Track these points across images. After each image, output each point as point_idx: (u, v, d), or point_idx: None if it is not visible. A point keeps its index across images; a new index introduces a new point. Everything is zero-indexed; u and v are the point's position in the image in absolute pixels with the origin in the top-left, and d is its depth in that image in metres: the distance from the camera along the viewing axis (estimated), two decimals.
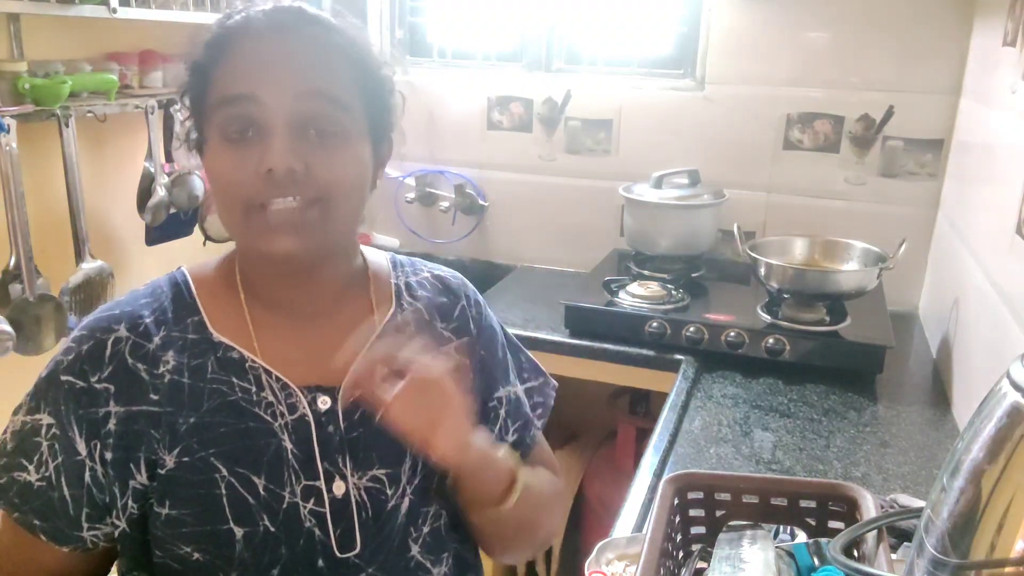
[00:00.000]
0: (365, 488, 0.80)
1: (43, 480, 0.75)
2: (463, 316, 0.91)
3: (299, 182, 0.72)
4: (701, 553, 0.85)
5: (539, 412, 0.98)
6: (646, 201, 1.97)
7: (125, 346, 0.76)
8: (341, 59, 0.76)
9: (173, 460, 0.75)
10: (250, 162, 0.72)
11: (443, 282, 0.93)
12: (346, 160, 0.75)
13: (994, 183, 1.45)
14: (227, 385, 0.77)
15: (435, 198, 2.35)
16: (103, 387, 0.75)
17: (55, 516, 0.76)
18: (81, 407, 0.74)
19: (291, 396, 0.79)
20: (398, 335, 0.84)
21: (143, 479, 0.76)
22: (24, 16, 1.48)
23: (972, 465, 0.52)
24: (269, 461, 0.77)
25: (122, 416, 0.75)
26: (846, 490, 0.86)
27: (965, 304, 1.55)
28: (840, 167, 2.01)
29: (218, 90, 0.74)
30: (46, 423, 0.75)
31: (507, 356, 0.96)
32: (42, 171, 1.57)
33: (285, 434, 0.78)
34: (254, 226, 0.74)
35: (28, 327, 1.49)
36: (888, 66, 1.91)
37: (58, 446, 0.75)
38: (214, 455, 0.76)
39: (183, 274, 0.84)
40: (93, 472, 0.75)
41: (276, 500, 0.77)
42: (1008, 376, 0.51)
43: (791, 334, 1.64)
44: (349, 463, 0.80)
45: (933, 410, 1.51)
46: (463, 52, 2.31)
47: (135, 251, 1.84)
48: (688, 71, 2.10)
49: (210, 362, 0.78)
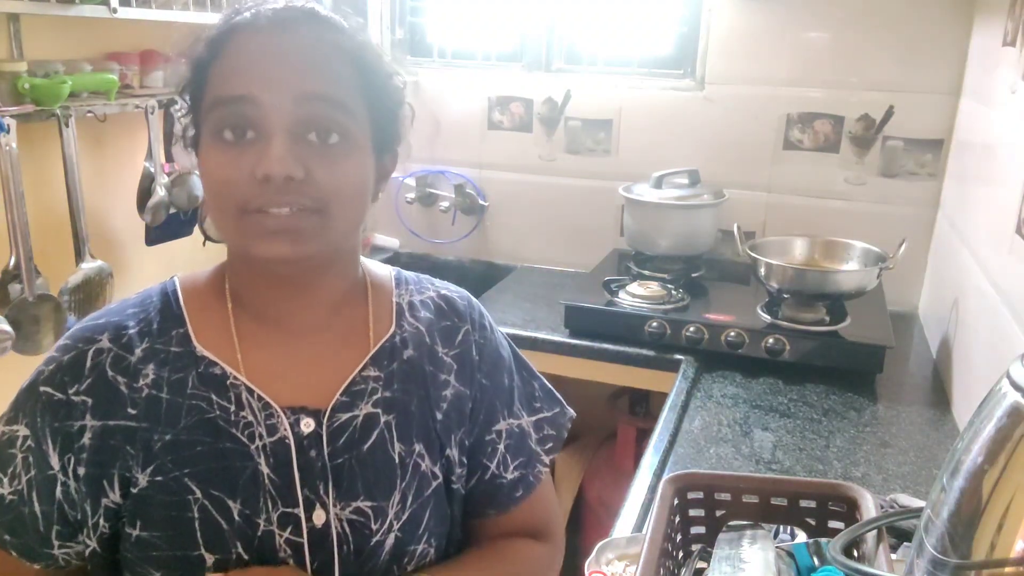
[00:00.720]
0: (348, 520, 0.75)
1: (15, 494, 0.72)
2: (466, 341, 0.85)
3: (297, 190, 0.68)
4: (701, 553, 0.85)
5: (549, 446, 0.89)
6: (646, 201, 1.97)
7: (106, 358, 0.73)
8: (345, 62, 0.72)
9: (146, 479, 0.72)
10: (245, 165, 0.68)
11: (449, 303, 0.87)
12: (347, 167, 0.71)
13: (994, 183, 1.45)
14: (206, 402, 0.73)
15: (435, 198, 2.35)
16: (80, 400, 0.72)
17: (25, 532, 0.73)
18: (57, 419, 0.71)
19: (272, 416, 0.74)
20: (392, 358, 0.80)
21: (116, 497, 0.72)
22: (24, 16, 1.48)
23: (972, 465, 0.52)
24: (244, 485, 0.73)
25: (98, 430, 0.71)
26: (846, 490, 0.86)
27: (965, 304, 1.55)
28: (840, 167, 2.01)
29: (215, 89, 0.70)
30: (22, 435, 0.72)
31: (514, 384, 0.88)
32: (42, 171, 1.57)
33: (262, 457, 0.73)
34: (248, 230, 0.69)
35: (27, 327, 1.49)
36: (888, 66, 1.91)
37: (32, 459, 0.72)
38: (188, 475, 0.72)
39: (173, 283, 0.80)
40: (65, 487, 0.72)
41: (251, 527, 0.72)
42: (1008, 376, 0.51)
43: (791, 334, 1.64)
44: (332, 491, 0.74)
45: (933, 410, 1.51)
46: (463, 52, 2.31)
47: (135, 251, 1.84)
48: (688, 71, 2.10)
49: (191, 377, 0.74)
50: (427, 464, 0.80)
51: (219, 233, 0.74)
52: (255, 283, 0.77)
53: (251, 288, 0.77)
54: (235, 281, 0.78)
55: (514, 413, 0.87)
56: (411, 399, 0.80)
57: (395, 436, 0.78)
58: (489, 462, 0.85)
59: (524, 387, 0.90)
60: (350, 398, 0.77)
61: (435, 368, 0.82)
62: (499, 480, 0.86)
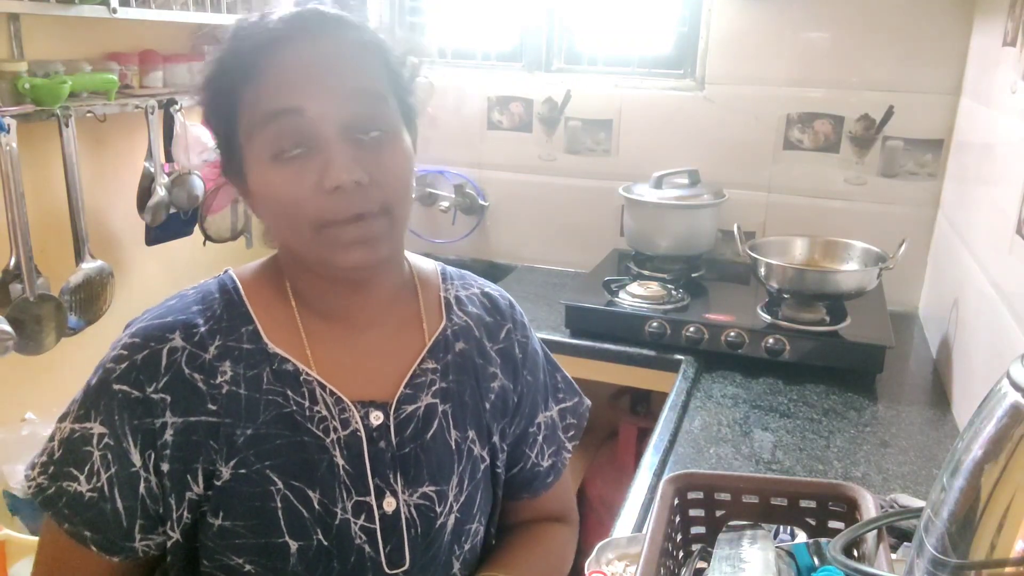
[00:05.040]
0: (415, 505, 0.80)
1: (95, 491, 0.73)
2: (509, 339, 0.90)
3: (364, 194, 0.70)
4: (701, 553, 0.85)
5: (571, 434, 0.97)
6: (646, 201, 1.97)
7: (181, 356, 0.74)
8: (371, 56, 0.74)
9: (230, 471, 0.74)
10: (308, 179, 0.69)
11: (492, 301, 0.91)
12: (399, 159, 0.74)
13: (994, 183, 1.45)
14: (282, 397, 0.76)
15: (435, 198, 2.35)
16: (159, 397, 0.73)
17: (107, 527, 0.74)
18: (136, 417, 0.72)
19: (345, 411, 0.78)
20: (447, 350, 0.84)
21: (199, 490, 0.74)
22: (24, 16, 1.48)
23: (972, 465, 0.52)
24: (322, 476, 0.76)
25: (179, 427, 0.73)
26: (846, 490, 0.86)
27: (965, 304, 1.55)
28: (840, 167, 2.01)
29: (257, 108, 0.70)
30: (98, 432, 0.73)
31: (547, 378, 0.95)
32: (42, 171, 1.57)
33: (337, 450, 0.77)
34: (326, 242, 0.71)
35: (28, 327, 1.49)
36: (888, 66, 1.91)
37: (111, 456, 0.73)
38: (270, 467, 0.75)
39: (232, 279, 0.81)
40: (148, 483, 0.73)
41: (329, 515, 0.76)
42: (1008, 376, 0.51)
43: (791, 334, 1.64)
44: (400, 479, 0.79)
45: (933, 410, 1.51)
46: (463, 52, 2.31)
47: (135, 251, 1.84)
48: (688, 71, 2.10)
49: (265, 373, 0.76)
50: (478, 449, 0.85)
51: (290, 247, 0.76)
52: (317, 282, 0.79)
53: (314, 287, 0.79)
54: (297, 281, 0.80)
55: (548, 406, 0.94)
56: (464, 389, 0.85)
57: (451, 424, 0.83)
58: (530, 452, 0.92)
59: (550, 379, 0.96)
60: (413, 390, 0.81)
61: (484, 361, 0.87)
62: (537, 468, 0.93)
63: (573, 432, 0.97)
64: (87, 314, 1.62)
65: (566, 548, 0.98)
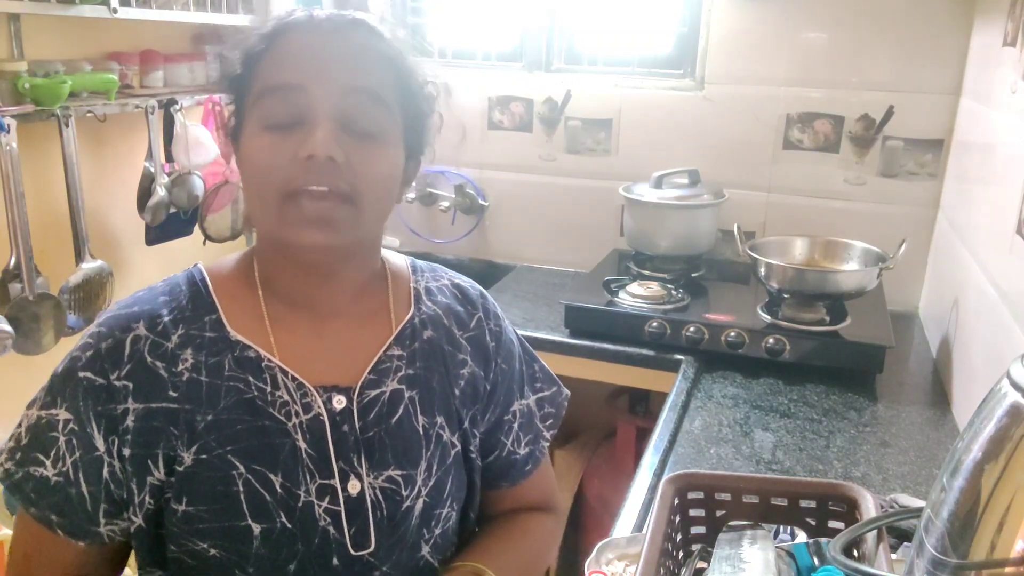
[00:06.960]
0: (380, 488, 0.81)
1: (60, 475, 0.76)
2: (480, 327, 0.91)
3: (336, 172, 0.73)
4: (701, 553, 0.85)
5: (549, 423, 0.98)
6: (646, 201, 1.97)
7: (144, 344, 0.76)
8: (387, 67, 0.78)
9: (191, 457, 0.76)
10: (288, 149, 0.73)
11: (462, 291, 0.93)
12: (381, 161, 0.76)
13: (994, 183, 1.45)
14: (243, 383, 0.78)
15: (435, 198, 2.35)
16: (122, 384, 0.75)
17: (72, 512, 0.76)
18: (100, 403, 0.75)
19: (306, 396, 0.79)
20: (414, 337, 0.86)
21: (160, 475, 0.76)
22: (24, 16, 1.48)
23: (972, 465, 0.52)
24: (284, 459, 0.78)
25: (141, 413, 0.75)
26: (846, 490, 0.86)
27: (965, 304, 1.55)
28: (840, 167, 2.01)
29: (266, 78, 0.75)
30: (63, 418, 0.75)
31: (523, 368, 0.96)
32: (42, 171, 1.58)
33: (299, 433, 0.78)
34: (288, 217, 0.74)
35: (27, 326, 1.49)
36: (888, 66, 1.91)
37: (76, 441, 0.75)
38: (231, 452, 0.76)
39: (200, 271, 0.84)
40: (111, 468, 0.76)
41: (292, 498, 0.77)
42: (1008, 376, 0.51)
43: (791, 334, 1.64)
44: (364, 463, 0.80)
45: (933, 410, 1.51)
46: (463, 52, 2.31)
47: (135, 251, 1.84)
48: (688, 71, 2.10)
49: (227, 360, 0.78)
50: (448, 435, 0.86)
51: (255, 221, 0.79)
52: (285, 269, 0.81)
53: (281, 274, 0.81)
54: (265, 268, 0.83)
55: (524, 394, 0.95)
56: (432, 376, 0.86)
57: (419, 410, 0.84)
58: (506, 440, 0.93)
59: (528, 369, 0.97)
60: (377, 376, 0.83)
61: (453, 348, 0.88)
62: (514, 456, 0.94)
63: (551, 421, 0.98)
64: (86, 313, 1.62)
65: (548, 537, 0.99)
